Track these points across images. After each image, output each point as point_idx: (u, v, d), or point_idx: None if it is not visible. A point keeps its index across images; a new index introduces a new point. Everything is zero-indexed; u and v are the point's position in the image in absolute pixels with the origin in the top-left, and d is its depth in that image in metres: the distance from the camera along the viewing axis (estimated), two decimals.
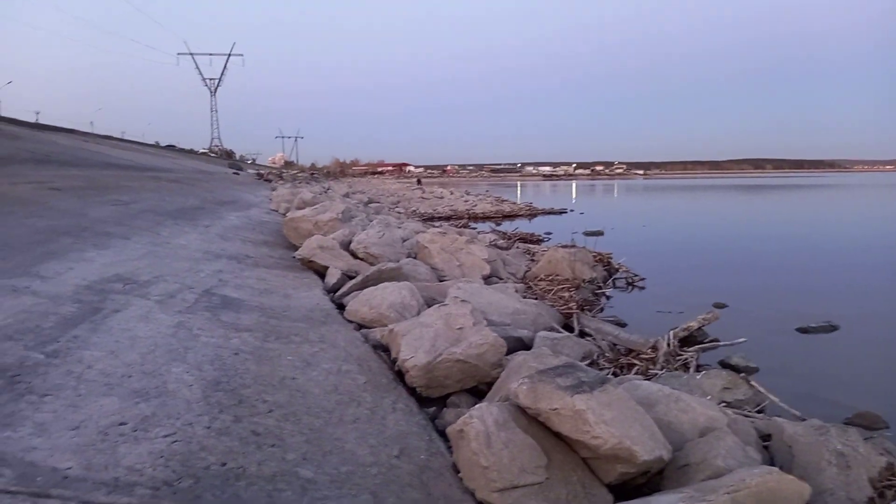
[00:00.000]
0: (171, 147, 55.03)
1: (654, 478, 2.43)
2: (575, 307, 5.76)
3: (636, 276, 8.82)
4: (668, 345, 4.82)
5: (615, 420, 2.27)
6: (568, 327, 5.40)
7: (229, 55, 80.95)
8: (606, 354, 4.69)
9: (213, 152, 72.13)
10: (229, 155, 73.90)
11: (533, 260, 8.95)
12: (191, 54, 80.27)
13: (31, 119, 33.90)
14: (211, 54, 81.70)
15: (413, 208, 23.24)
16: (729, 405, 3.49)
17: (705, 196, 44.06)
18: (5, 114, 30.95)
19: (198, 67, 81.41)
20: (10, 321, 2.72)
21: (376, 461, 2.25)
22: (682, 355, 4.79)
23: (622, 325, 5.93)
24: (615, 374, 4.24)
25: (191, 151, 59.16)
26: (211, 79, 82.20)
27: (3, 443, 1.73)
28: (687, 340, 5.22)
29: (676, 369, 4.47)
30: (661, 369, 4.40)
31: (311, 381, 2.91)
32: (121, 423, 2.01)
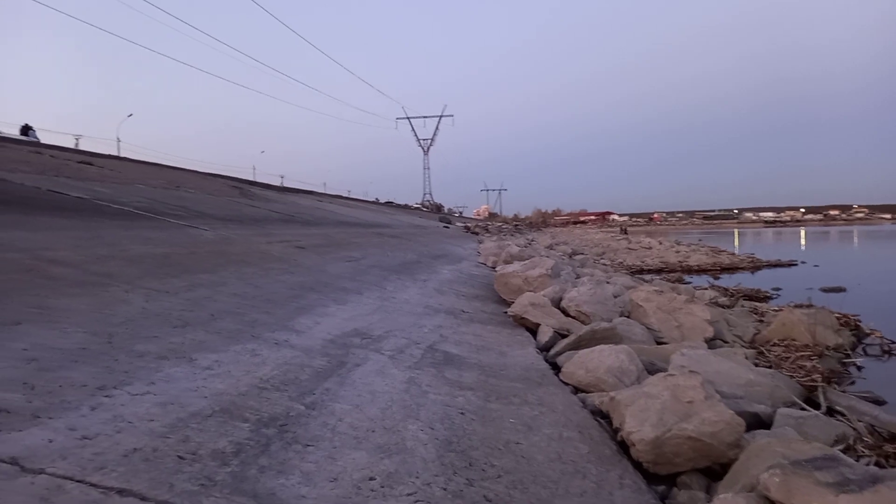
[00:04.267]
0: (389, 203, 60.37)
1: None
2: (819, 379, 5.05)
3: (893, 342, 7.51)
4: None
5: None
6: (811, 402, 4.74)
7: (441, 116, 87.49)
8: (865, 439, 4.01)
9: (424, 207, 77.54)
10: (439, 209, 78.84)
11: (761, 321, 8.08)
12: (408, 118, 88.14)
13: (278, 182, 40.13)
14: (425, 117, 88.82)
15: (619, 260, 22.52)
16: None
17: None
18: (260, 178, 36.90)
19: (413, 130, 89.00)
20: (276, 373, 3.14)
21: None
22: None
23: (880, 402, 5.03)
24: (879, 465, 3.59)
25: (405, 206, 64.27)
26: (424, 139, 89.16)
27: (280, 489, 1.98)
28: None
29: None
30: None
31: (533, 446, 2.91)
32: (370, 478, 2.19)
